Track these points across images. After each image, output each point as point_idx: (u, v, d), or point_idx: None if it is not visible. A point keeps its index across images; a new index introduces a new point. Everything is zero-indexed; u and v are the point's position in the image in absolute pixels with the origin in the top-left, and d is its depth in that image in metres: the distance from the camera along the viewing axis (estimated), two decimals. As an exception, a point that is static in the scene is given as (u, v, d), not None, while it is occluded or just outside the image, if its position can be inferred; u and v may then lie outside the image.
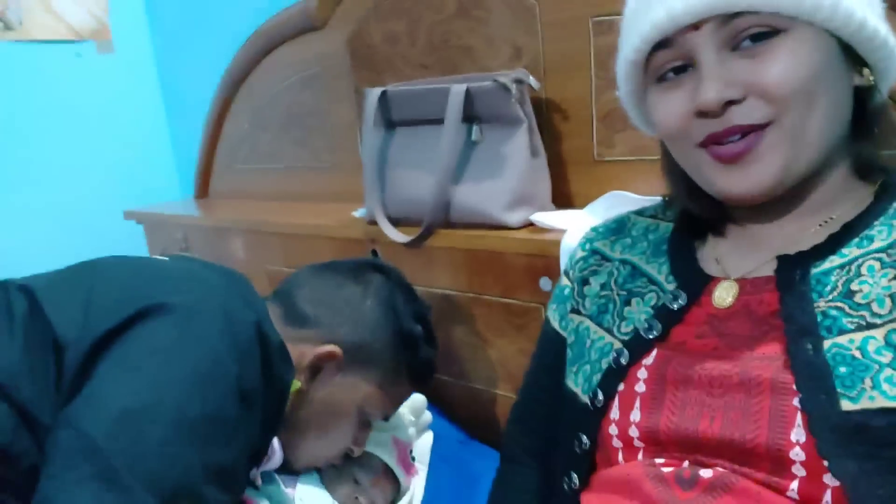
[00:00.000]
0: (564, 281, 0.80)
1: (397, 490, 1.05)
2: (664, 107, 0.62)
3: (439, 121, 1.16)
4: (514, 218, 1.12)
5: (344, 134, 1.59)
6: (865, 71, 0.59)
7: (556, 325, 0.79)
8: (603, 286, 0.74)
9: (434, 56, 1.34)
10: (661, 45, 0.60)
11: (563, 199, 1.20)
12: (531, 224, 1.13)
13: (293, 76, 1.68)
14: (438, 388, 1.27)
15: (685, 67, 0.60)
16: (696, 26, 0.57)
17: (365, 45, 1.46)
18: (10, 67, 1.92)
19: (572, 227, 1.01)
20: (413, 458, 1.08)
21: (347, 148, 1.59)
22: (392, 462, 1.03)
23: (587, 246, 0.79)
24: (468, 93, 1.12)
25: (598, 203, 1.03)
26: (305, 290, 0.90)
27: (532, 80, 1.11)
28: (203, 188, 2.05)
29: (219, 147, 1.97)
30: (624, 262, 0.73)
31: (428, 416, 1.15)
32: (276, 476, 0.95)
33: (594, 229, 0.80)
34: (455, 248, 1.17)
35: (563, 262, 0.97)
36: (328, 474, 1.00)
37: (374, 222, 1.27)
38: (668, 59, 0.60)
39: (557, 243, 1.00)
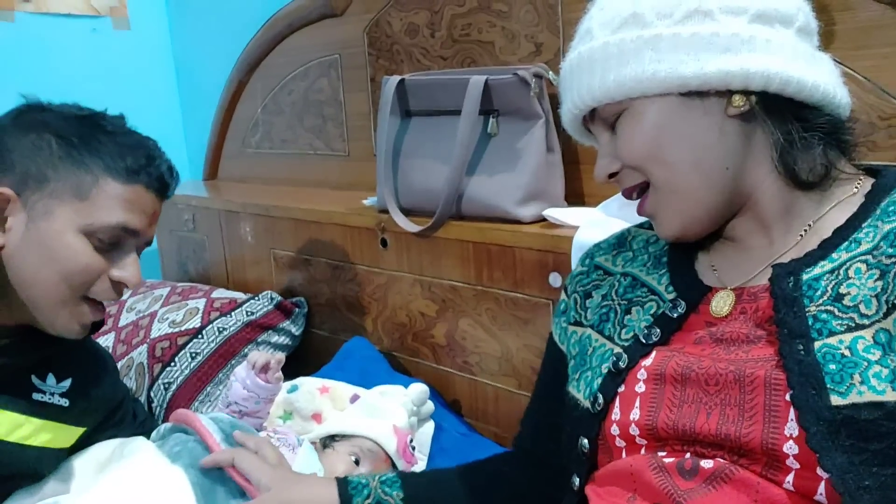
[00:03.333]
0: (563, 296, 0.82)
1: (396, 479, 1.05)
2: None
3: (456, 112, 1.15)
4: (527, 213, 1.12)
5: (359, 123, 1.58)
6: (735, 99, 0.62)
7: (556, 339, 0.82)
8: (604, 297, 0.76)
9: (453, 48, 1.34)
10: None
11: (575, 197, 1.20)
12: (543, 220, 1.12)
13: (309, 62, 1.67)
14: (442, 379, 1.27)
15: None
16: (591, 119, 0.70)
17: (384, 34, 1.46)
18: (25, 39, 1.92)
19: (585, 225, 1.00)
20: (413, 448, 1.08)
21: (361, 137, 1.58)
22: (391, 450, 1.03)
23: (587, 261, 0.81)
24: (487, 85, 1.12)
25: (611, 201, 1.03)
26: None
27: (552, 76, 1.11)
28: (212, 170, 2.05)
29: (230, 130, 1.97)
30: (625, 274, 0.76)
31: (430, 406, 1.15)
32: (275, 440, 0.96)
33: (597, 245, 0.83)
34: (465, 240, 1.17)
35: (574, 260, 0.98)
36: (326, 454, 1.00)
37: (385, 210, 1.27)
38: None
39: (568, 239, 1.00)
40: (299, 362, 1.48)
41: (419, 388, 1.12)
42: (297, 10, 1.65)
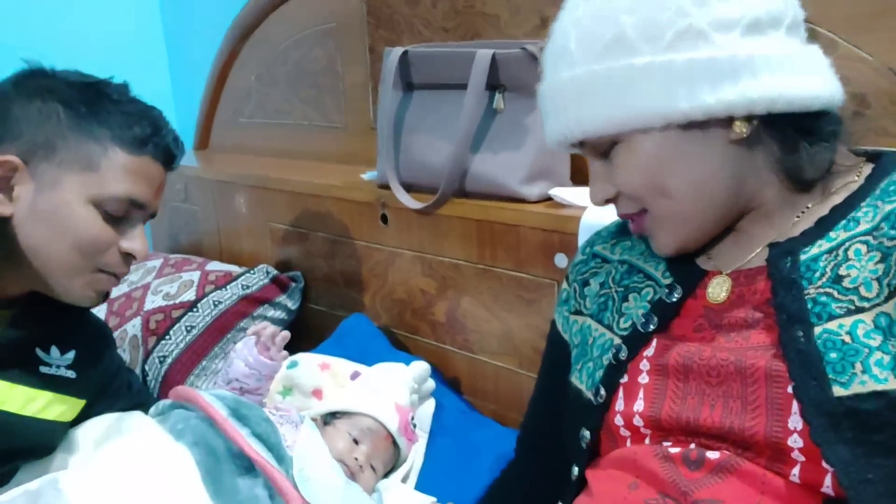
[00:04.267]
0: (565, 285, 0.82)
1: (397, 457, 1.05)
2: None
3: (461, 86, 1.13)
4: (532, 191, 1.11)
5: (356, 94, 1.55)
6: (736, 125, 0.60)
7: (559, 328, 0.82)
8: (602, 285, 0.76)
9: (456, 20, 1.31)
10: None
11: (580, 175, 1.19)
12: (548, 199, 1.11)
13: (305, 31, 1.63)
14: (441, 357, 1.27)
15: None
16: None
17: (384, 3, 1.42)
18: (7, 2, 1.85)
19: (593, 205, 0.99)
20: (414, 426, 1.08)
21: (359, 109, 1.55)
22: (393, 428, 1.02)
23: (587, 250, 0.81)
24: (494, 59, 1.10)
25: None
26: None
27: (560, 52, 1.08)
28: (203, 140, 2.00)
29: (222, 99, 1.92)
30: (622, 261, 0.75)
31: (431, 383, 1.15)
32: (278, 417, 0.95)
33: (597, 233, 0.82)
34: (468, 218, 1.16)
35: (582, 241, 0.97)
36: (327, 431, 1.00)
37: (385, 186, 1.25)
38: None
39: (575, 219, 0.99)
40: (295, 337, 1.46)
41: (421, 366, 1.12)
42: (293, -24, 1.61)
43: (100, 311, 1.48)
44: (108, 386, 0.98)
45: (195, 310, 1.40)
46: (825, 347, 0.55)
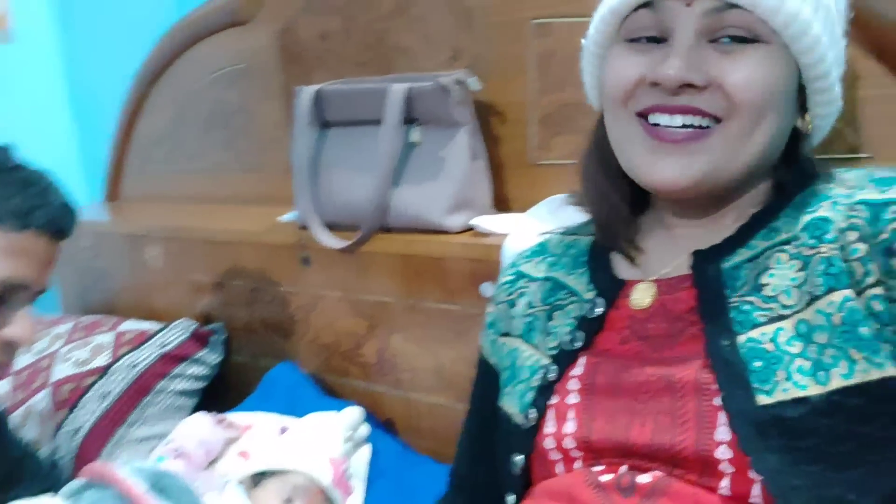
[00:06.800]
0: (490, 308, 0.80)
1: (332, 511, 1.00)
2: (622, 64, 0.61)
3: (376, 121, 1.11)
4: (455, 222, 1.09)
5: (271, 134, 1.51)
6: (808, 116, 0.62)
7: (486, 354, 0.80)
8: (528, 305, 0.74)
9: (369, 54, 1.30)
10: (647, 4, 0.59)
11: (501, 203, 1.18)
12: (471, 229, 1.10)
13: (216, 73, 1.59)
14: (374, 399, 1.22)
15: (659, 40, 0.60)
16: (689, 2, 0.58)
17: (295, 41, 1.40)
18: None
19: (515, 231, 0.98)
20: (349, 476, 1.03)
21: (275, 149, 1.51)
22: (326, 483, 0.97)
23: (512, 270, 0.80)
24: (408, 93, 1.09)
25: (541, 206, 1.01)
26: None
27: (473, 82, 1.08)
28: (113, 191, 1.91)
29: (132, 147, 1.84)
30: (546, 279, 0.74)
31: (365, 429, 1.10)
32: (201, 484, 0.89)
33: (520, 254, 0.81)
34: (392, 253, 1.13)
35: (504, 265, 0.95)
36: (256, 493, 0.94)
37: (305, 227, 1.21)
38: (647, 24, 0.60)
39: (499, 248, 0.98)
40: (218, 392, 1.39)
41: (353, 412, 1.07)
42: (200, 19, 1.56)
43: (2, 386, 1.37)
44: (9, 477, 0.89)
45: (109, 374, 1.31)
46: (749, 356, 0.55)
